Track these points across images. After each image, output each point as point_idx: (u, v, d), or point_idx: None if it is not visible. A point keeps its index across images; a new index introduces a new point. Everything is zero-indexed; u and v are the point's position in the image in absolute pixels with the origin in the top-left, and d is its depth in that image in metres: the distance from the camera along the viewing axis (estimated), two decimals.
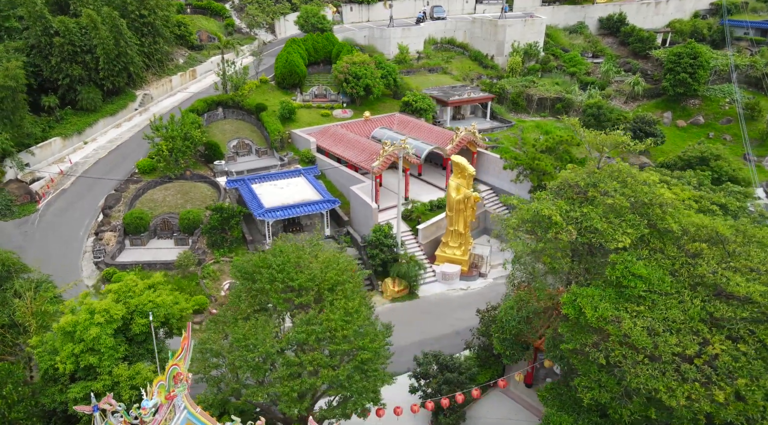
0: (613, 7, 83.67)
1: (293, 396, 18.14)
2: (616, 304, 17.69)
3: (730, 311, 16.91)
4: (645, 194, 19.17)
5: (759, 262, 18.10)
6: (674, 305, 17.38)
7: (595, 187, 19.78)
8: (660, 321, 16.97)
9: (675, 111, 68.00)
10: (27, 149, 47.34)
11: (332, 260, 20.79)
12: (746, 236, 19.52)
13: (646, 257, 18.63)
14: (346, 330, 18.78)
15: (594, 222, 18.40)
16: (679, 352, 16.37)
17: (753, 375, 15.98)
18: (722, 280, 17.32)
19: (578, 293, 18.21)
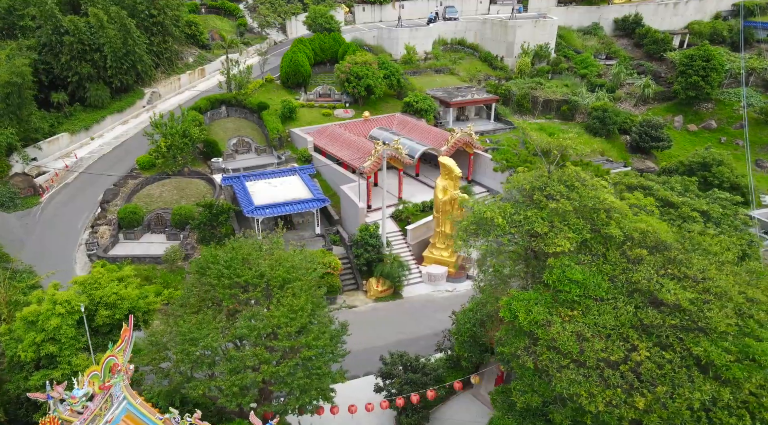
0: (629, 7, 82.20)
1: (234, 390, 18.55)
2: (549, 308, 17.62)
3: (659, 318, 16.69)
4: (589, 199, 19.00)
5: (697, 270, 17.79)
6: (608, 310, 17.22)
7: (542, 191, 19.68)
8: (591, 326, 16.84)
9: (687, 115, 66.57)
10: (35, 144, 48.95)
11: (284, 258, 21.15)
12: (692, 243, 19.17)
13: (586, 262, 18.48)
14: (290, 327, 19.11)
15: (535, 226, 18.33)
16: (605, 358, 16.23)
17: (675, 383, 15.76)
18: (656, 287, 17.08)
19: (516, 297, 18.18)
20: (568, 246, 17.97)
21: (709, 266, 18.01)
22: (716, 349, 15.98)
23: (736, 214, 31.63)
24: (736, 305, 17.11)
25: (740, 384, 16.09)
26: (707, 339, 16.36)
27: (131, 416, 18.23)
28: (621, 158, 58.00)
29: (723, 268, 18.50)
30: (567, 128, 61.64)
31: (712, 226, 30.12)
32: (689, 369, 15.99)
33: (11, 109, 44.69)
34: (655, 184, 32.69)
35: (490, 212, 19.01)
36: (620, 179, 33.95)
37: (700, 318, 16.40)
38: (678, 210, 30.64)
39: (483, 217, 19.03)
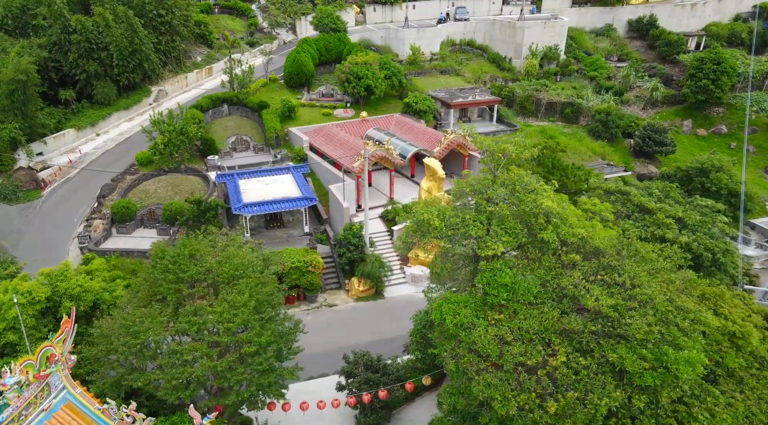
0: (644, 8, 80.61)
1: (174, 383, 19.06)
2: (477, 311, 17.63)
3: (580, 324, 16.56)
4: (527, 204, 18.91)
5: (628, 276, 17.56)
6: (534, 315, 17.14)
7: (482, 194, 19.67)
8: (515, 330, 16.80)
9: (696, 119, 65.04)
10: (41, 139, 50.63)
11: (234, 256, 21.59)
12: (629, 250, 18.93)
13: (520, 267, 18.42)
14: (231, 324, 19.53)
15: (470, 229, 18.34)
16: (523, 362, 16.18)
17: (588, 389, 15.63)
18: (580, 293, 16.93)
19: (447, 300, 18.23)
20: (502, 249, 17.95)
21: (640, 273, 17.77)
22: (631, 356, 15.82)
23: (714, 222, 30.91)
24: (662, 313, 16.87)
25: (658, 392, 15.90)
26: (626, 346, 16.19)
27: (71, 406, 18.88)
28: (623, 162, 57.05)
29: (657, 276, 18.23)
30: (570, 130, 60.98)
31: (687, 233, 29.60)
32: (604, 376, 15.85)
33: (16, 105, 46.32)
34: (633, 189, 32.22)
35: (428, 214, 19.09)
36: (599, 183, 33.54)
37: (620, 325, 16.24)
38: (653, 217, 30.20)
39: (421, 219, 19.14)
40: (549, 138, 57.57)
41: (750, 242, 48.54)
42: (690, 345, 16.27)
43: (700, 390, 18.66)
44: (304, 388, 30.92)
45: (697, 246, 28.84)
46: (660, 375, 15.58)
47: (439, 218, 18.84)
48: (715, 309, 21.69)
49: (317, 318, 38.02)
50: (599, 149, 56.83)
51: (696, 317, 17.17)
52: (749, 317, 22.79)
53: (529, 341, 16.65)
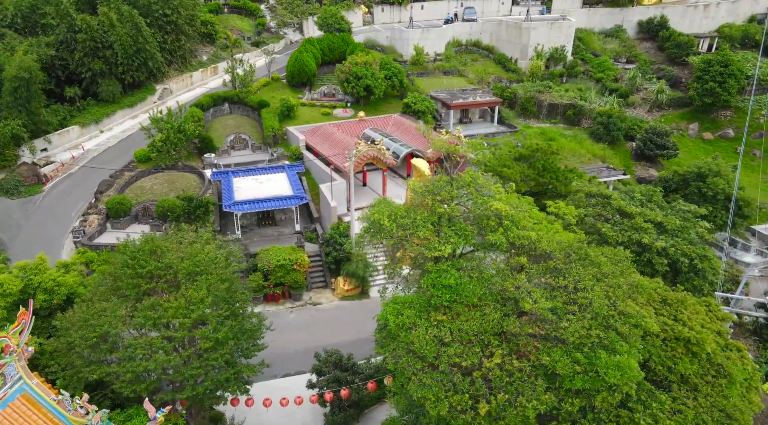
0: (654, 9, 79.35)
1: (128, 376, 19.54)
2: (421, 312, 17.73)
3: (517, 326, 16.54)
4: (478, 206, 18.93)
5: (573, 280, 17.47)
6: (476, 317, 17.17)
7: (435, 195, 19.73)
8: (455, 331, 16.86)
9: (703, 123, 63.93)
10: (45, 136, 51.93)
11: (195, 252, 22.00)
12: (579, 254, 18.81)
13: (468, 268, 18.46)
14: (186, 319, 19.93)
15: (418, 230, 18.44)
16: (458, 363, 16.23)
17: (519, 392, 15.62)
18: (521, 296, 16.91)
19: (395, 300, 18.37)
20: (449, 251, 18.02)
21: (586, 277, 17.66)
22: (564, 359, 15.77)
23: (695, 227, 30.45)
24: (603, 317, 16.76)
25: (593, 397, 15.84)
26: (561, 349, 16.14)
27: (28, 396, 19.48)
28: (624, 165, 56.33)
29: (604, 280, 18.09)
30: (571, 133, 60.45)
31: (665, 237, 29.24)
32: (537, 378, 15.83)
33: (20, 102, 47.59)
34: (615, 193, 31.90)
35: (378, 215, 19.24)
36: (581, 186, 33.29)
37: (557, 328, 16.19)
38: (632, 221, 29.89)
39: (372, 219, 19.30)
40: (549, 140, 57.18)
41: (750, 248, 47.62)
42: (626, 350, 16.16)
43: (647, 395, 18.51)
44: (281, 385, 31.36)
45: (674, 251, 28.45)
46: (590, 379, 15.51)
47: (389, 219, 18.97)
48: (675, 315, 21.44)
49: (301, 316, 38.42)
50: (599, 151, 56.21)
51: (637, 321, 17.03)
52: (711, 323, 22.49)
53: (468, 342, 16.71)
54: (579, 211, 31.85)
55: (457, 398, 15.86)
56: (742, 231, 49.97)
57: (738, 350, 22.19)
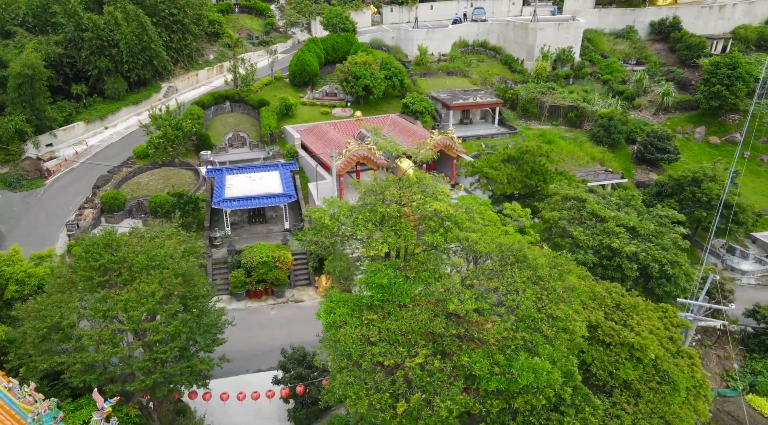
0: (667, 10, 77.84)
1: (78, 367, 20.17)
2: (354, 311, 17.91)
3: (442, 326, 16.59)
4: (418, 207, 19.02)
5: (506, 282, 17.43)
6: (406, 317, 17.26)
7: (378, 194, 19.89)
8: (383, 331, 16.99)
9: (710, 126, 62.53)
10: (50, 132, 53.50)
11: (152, 247, 22.56)
12: (517, 257, 18.74)
13: (403, 268, 18.57)
14: (135, 312, 20.47)
15: (356, 229, 18.61)
16: (381, 361, 16.36)
17: (436, 392, 15.67)
18: (449, 297, 16.95)
19: (332, 297, 18.59)
20: (385, 250, 18.16)
21: (519, 279, 17.60)
22: (483, 361, 15.78)
23: (670, 232, 29.95)
24: (533, 319, 16.70)
25: (513, 398, 15.84)
26: (484, 351, 16.15)
27: None
28: (624, 168, 55.47)
29: (540, 283, 18.00)
30: (572, 135, 59.77)
31: (638, 242, 28.85)
32: (456, 379, 15.87)
33: (24, 98, 49.11)
34: (590, 197, 31.54)
35: (320, 213, 19.48)
36: (557, 189, 33.03)
37: (480, 330, 16.21)
38: (604, 225, 29.57)
39: (314, 218, 19.56)
40: (547, 142, 56.72)
41: (748, 256, 46.55)
42: (548, 353, 16.09)
43: (581, 399, 18.39)
44: (252, 380, 31.77)
45: (645, 257, 28.03)
46: (506, 381, 15.49)
47: (331, 218, 19.21)
48: (625, 320, 21.22)
49: (282, 313, 38.86)
50: (599, 154, 55.47)
51: (565, 325, 16.93)
52: (664, 329, 22.19)
53: (395, 342, 16.84)
54: (553, 214, 31.69)
55: (377, 396, 16.00)
56: (741, 238, 48.87)
57: (689, 357, 21.85)
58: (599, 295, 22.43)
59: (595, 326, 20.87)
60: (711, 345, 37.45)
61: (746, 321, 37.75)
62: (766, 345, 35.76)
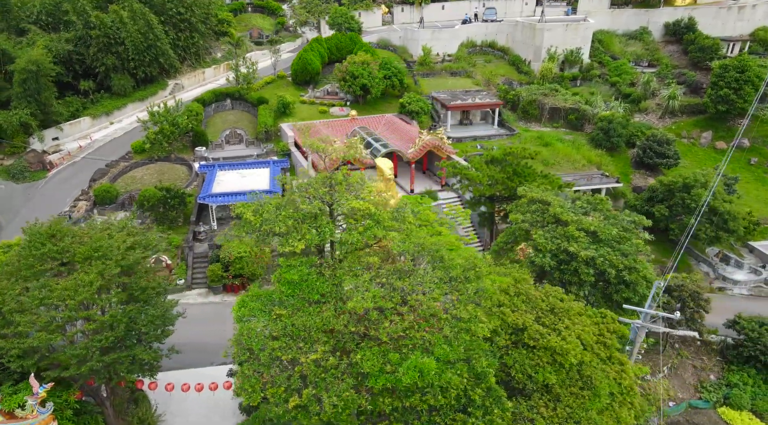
0: (683, 11, 75.81)
1: (14, 352, 21.08)
2: (266, 305, 18.24)
3: (342, 324, 16.75)
4: (340, 205, 19.24)
5: (415, 282, 17.55)
6: (313, 313, 17.50)
7: (303, 192, 20.17)
8: (288, 326, 17.27)
9: (717, 131, 60.74)
10: (57, 126, 55.50)
11: (98, 238, 23.36)
12: (435, 257, 18.77)
13: (319, 265, 18.82)
14: (72, 300, 21.25)
15: (275, 225, 18.92)
16: (279, 356, 16.64)
17: (327, 387, 15.83)
18: (353, 294, 17.09)
19: (250, 293, 18.98)
20: (301, 247, 18.43)
21: (427, 280, 17.67)
22: (374, 359, 15.89)
23: (633, 238, 29.35)
24: (437, 319, 16.77)
25: (407, 397, 15.95)
26: (379, 349, 16.27)
27: None
28: (622, 173, 54.38)
29: (451, 283, 18.00)
30: (571, 137, 58.89)
31: (597, 247, 28.42)
32: (350, 376, 16.03)
33: (29, 93, 51.06)
34: (556, 199, 31.16)
35: (244, 208, 19.92)
36: (524, 192, 32.74)
37: (377, 328, 16.33)
38: (565, 228, 29.22)
39: (238, 212, 20.03)
40: (544, 144, 56.16)
41: (743, 265, 45.15)
42: (443, 353, 16.11)
43: (492, 401, 18.34)
44: (212, 372, 32.46)
45: (602, 262, 27.56)
46: (393, 379, 15.57)
47: (254, 214, 19.60)
48: (555, 325, 21.01)
49: None
50: (596, 158, 54.49)
51: (468, 326, 16.89)
52: (599, 335, 21.89)
53: (297, 337, 17.11)
54: (516, 216, 31.46)
55: (272, 390, 16.33)
56: (737, 247, 47.42)
57: (620, 363, 21.51)
58: (534, 298, 22.25)
59: (522, 329, 20.77)
60: (688, 356, 36.54)
61: (727, 332, 36.73)
62: (744, 356, 34.68)
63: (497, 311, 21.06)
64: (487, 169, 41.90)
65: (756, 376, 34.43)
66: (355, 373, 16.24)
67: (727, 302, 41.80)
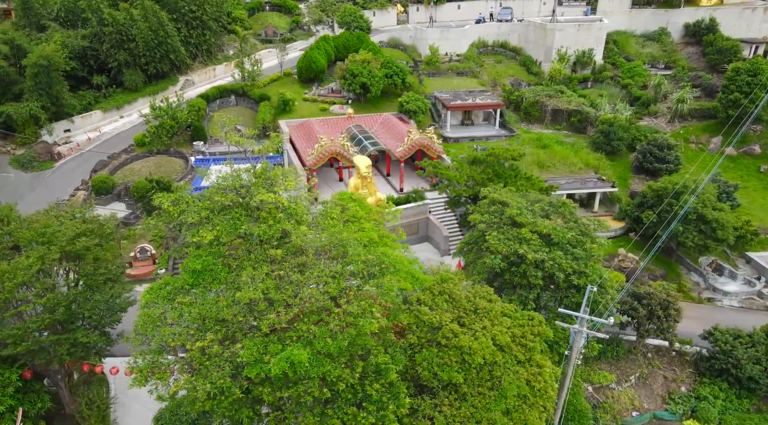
0: (704, 11, 73.26)
1: None
2: (172, 294, 18.88)
3: (230, 314, 17.23)
4: (252, 197, 19.72)
5: (312, 275, 17.89)
6: (211, 302, 18.03)
7: (222, 184, 20.80)
8: (185, 314, 17.87)
9: (728, 137, 58.44)
10: (69, 118, 58.00)
11: (47, 224, 24.56)
12: (339, 253, 19.02)
13: (230, 256, 19.38)
14: (10, 283, 22.39)
15: (188, 217, 19.53)
16: (168, 342, 17.24)
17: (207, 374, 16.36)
18: (245, 285, 17.53)
19: (163, 280, 19.70)
20: (210, 238, 19.01)
21: (325, 274, 17.97)
22: (253, 348, 16.30)
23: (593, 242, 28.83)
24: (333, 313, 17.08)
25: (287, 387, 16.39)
26: (258, 339, 16.67)
27: None
28: (621, 177, 53.09)
29: (351, 279, 18.26)
30: (572, 140, 57.82)
31: (550, 250, 28.06)
32: (231, 364, 16.52)
33: (40, 86, 53.54)
34: (514, 201, 30.86)
35: (163, 199, 20.66)
36: (488, 192, 32.55)
37: (260, 319, 16.75)
38: (518, 230, 28.96)
39: (156, 203, 20.79)
40: (542, 146, 55.42)
41: (737, 276, 43.52)
42: (325, 345, 16.38)
43: (389, 397, 18.50)
44: None
45: (551, 265, 27.16)
46: (266, 369, 15.93)
47: (172, 204, 20.31)
48: (471, 325, 20.96)
49: None
50: (594, 161, 53.35)
51: (355, 321, 17.08)
52: (521, 337, 21.72)
53: (192, 325, 17.69)
54: (474, 217, 31.32)
55: (158, 375, 16.99)
56: (734, 257, 45.73)
57: (539, 366, 21.27)
58: (458, 298, 22.24)
59: (438, 327, 20.83)
60: (660, 366, 35.53)
61: (703, 343, 35.56)
62: (716, 369, 33.54)
63: (414, 309, 21.19)
64: (468, 169, 41.73)
65: (728, 390, 33.26)
66: (236, 362, 16.72)
67: (715, 314, 40.42)
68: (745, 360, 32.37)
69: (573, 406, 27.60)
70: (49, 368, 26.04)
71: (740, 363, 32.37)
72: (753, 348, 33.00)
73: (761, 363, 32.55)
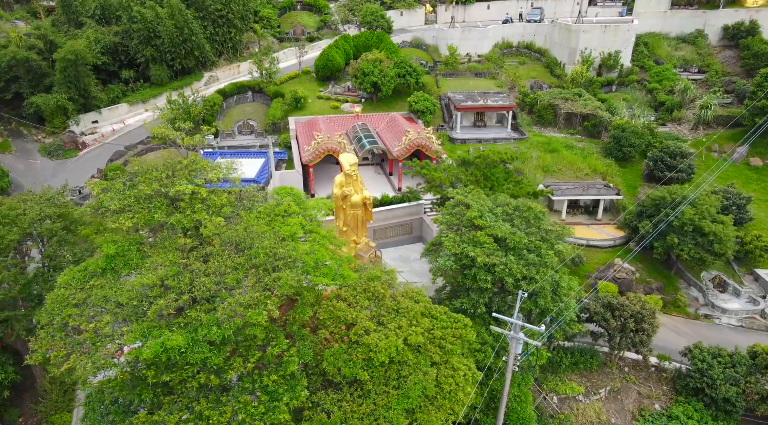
0: (745, 13, 69.34)
1: None
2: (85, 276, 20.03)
3: (125, 298, 18.16)
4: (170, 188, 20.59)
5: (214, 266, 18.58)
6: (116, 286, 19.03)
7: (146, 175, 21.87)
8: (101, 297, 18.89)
9: (755, 146, 55.33)
10: (97, 110, 61.34)
11: (12, 206, 26.38)
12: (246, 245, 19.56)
13: (155, 244, 20.36)
14: None
15: (111, 204, 20.59)
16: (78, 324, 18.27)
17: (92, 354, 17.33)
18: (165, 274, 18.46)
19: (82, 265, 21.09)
20: (128, 225, 19.98)
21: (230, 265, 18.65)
22: (138, 332, 17.13)
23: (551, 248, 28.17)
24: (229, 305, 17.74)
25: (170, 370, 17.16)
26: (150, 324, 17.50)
27: None
28: (630, 185, 51.18)
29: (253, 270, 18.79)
30: (583, 145, 56.21)
31: (504, 253, 27.67)
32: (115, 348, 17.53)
33: (68, 79, 56.91)
34: (476, 203, 30.50)
35: (97, 186, 21.85)
36: (455, 194, 32.32)
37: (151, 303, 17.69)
38: (474, 233, 28.69)
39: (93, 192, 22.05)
40: (550, 151, 54.19)
41: (741, 293, 41.26)
42: (208, 333, 16.97)
43: (285, 388, 18.91)
44: None
45: (502, 270, 26.71)
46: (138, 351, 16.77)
47: (102, 192, 21.53)
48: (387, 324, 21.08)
49: None
50: (603, 167, 51.66)
51: (243, 311, 17.59)
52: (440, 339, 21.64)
53: (95, 307, 18.77)
54: (437, 217, 31.19)
55: (55, 353, 18.15)
56: (740, 274, 43.32)
57: (453, 369, 21.12)
58: (381, 297, 22.38)
59: (352, 324, 21.07)
60: (636, 381, 34.21)
61: (683, 360, 34.01)
62: (691, 388, 32.02)
63: (329, 305, 21.49)
64: (455, 171, 41.46)
65: (703, 411, 31.71)
66: (122, 345, 17.61)
67: (710, 332, 38.61)
68: (721, 380, 30.77)
69: (516, 413, 27.08)
70: (17, 341, 27.92)
71: (715, 383, 30.81)
72: (732, 369, 31.33)
73: (739, 384, 30.87)
